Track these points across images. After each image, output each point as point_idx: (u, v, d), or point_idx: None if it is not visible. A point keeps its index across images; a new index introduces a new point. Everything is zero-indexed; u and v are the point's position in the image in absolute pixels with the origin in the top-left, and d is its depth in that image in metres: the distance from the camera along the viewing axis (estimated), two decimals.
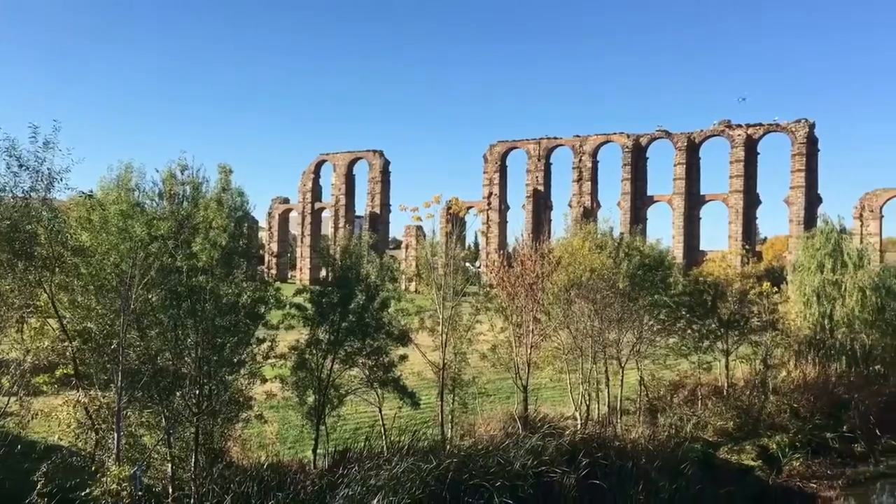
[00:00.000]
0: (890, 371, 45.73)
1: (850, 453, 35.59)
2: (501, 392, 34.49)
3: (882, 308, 44.19)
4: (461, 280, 26.55)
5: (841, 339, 42.98)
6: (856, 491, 30.93)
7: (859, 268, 44.56)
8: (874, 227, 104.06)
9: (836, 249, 45.61)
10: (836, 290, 43.59)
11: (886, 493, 32.53)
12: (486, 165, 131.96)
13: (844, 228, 50.98)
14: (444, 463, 19.49)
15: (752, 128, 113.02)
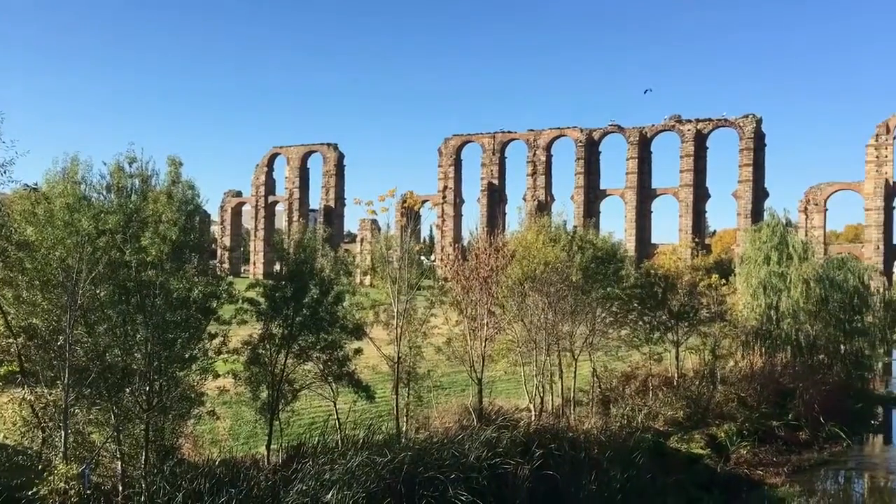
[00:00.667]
0: (833, 360, 47.20)
1: (795, 441, 36.64)
2: (456, 385, 34.63)
3: (825, 299, 45.54)
4: (416, 274, 26.57)
5: (786, 330, 44.14)
6: (800, 477, 31.84)
7: (804, 260, 45.80)
8: (818, 221, 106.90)
9: (781, 242, 46.79)
10: (781, 281, 44.73)
11: (830, 480, 33.55)
12: (441, 159, 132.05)
13: (790, 222, 52.40)
14: (398, 456, 19.51)
15: (702, 123, 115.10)
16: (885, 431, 44.58)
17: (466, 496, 18.83)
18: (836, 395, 41.91)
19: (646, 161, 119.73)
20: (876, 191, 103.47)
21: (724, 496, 28.48)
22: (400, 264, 25.80)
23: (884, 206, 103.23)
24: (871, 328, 49.85)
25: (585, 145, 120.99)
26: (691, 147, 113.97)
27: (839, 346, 48.15)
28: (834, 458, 35.73)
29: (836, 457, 35.89)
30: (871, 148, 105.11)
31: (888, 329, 51.57)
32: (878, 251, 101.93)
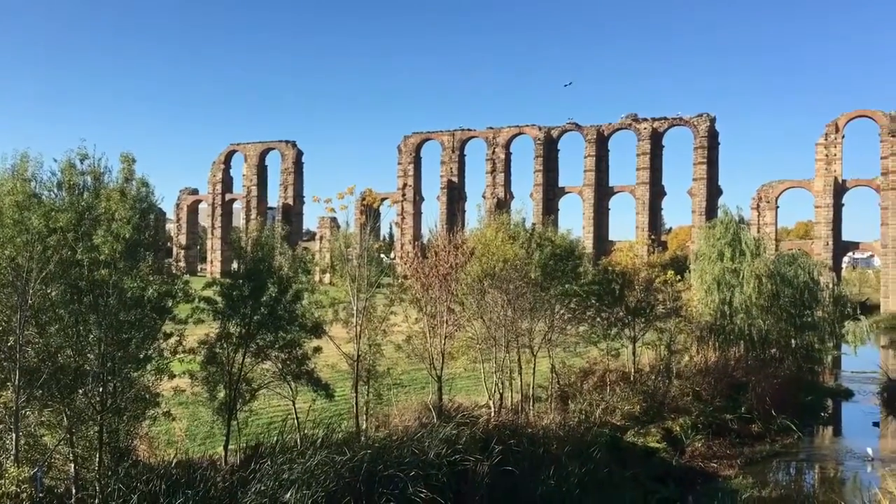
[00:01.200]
0: (784, 354, 48.27)
1: (748, 433, 37.39)
2: (416, 383, 34.66)
3: (777, 294, 46.55)
4: (376, 271, 26.51)
5: (739, 325, 45.01)
6: (753, 469, 32.49)
7: (756, 256, 46.78)
8: (770, 218, 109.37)
9: (734, 239, 47.72)
10: (734, 277, 45.62)
11: (782, 471, 34.32)
12: (401, 157, 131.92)
13: (743, 219, 53.45)
14: (358, 455, 19.45)
15: (658, 121, 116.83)
16: (834, 423, 45.72)
17: (426, 493, 18.88)
18: (787, 388, 42.84)
19: (603, 159, 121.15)
20: (825, 188, 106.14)
21: (679, 489, 28.94)
22: (359, 262, 25.72)
23: (833, 203, 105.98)
24: (821, 323, 51.02)
25: (544, 143, 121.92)
26: (648, 145, 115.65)
27: (790, 341, 49.25)
28: (785, 449, 36.54)
29: (788, 448, 36.70)
30: (820, 147, 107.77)
31: (837, 323, 52.81)
32: (827, 247, 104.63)
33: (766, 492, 28.80)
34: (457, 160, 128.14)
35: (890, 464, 32.72)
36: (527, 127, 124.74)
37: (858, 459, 34.92)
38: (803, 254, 65.02)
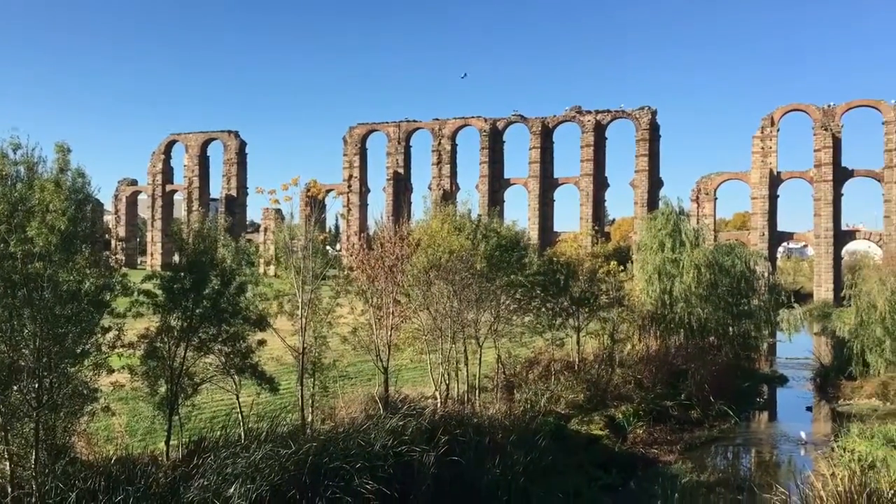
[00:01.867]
0: (722, 342, 49.57)
1: (688, 419, 38.34)
2: (363, 374, 34.58)
3: (715, 284, 47.72)
4: (321, 263, 26.31)
5: (679, 314, 46.03)
6: (692, 454, 33.34)
7: (695, 246, 47.86)
8: (709, 209, 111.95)
9: (675, 230, 48.73)
10: (675, 267, 46.61)
11: (720, 455, 35.30)
12: (346, 148, 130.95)
13: (683, 210, 54.56)
14: (303, 447, 19.34)
15: (601, 114, 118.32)
16: (770, 408, 47.17)
17: (372, 485, 18.87)
18: (725, 374, 44.05)
19: (548, 151, 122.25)
20: (761, 180, 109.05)
21: (621, 474, 29.51)
22: (304, 254, 25.48)
23: (768, 194, 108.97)
24: (757, 311, 52.49)
25: (490, 135, 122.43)
26: (591, 138, 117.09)
27: (728, 329, 50.56)
28: (723, 434, 37.59)
29: (726, 433, 37.77)
30: (757, 140, 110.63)
31: (772, 311, 54.44)
32: (763, 238, 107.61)
33: (705, 476, 29.58)
34: (403, 151, 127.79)
35: (822, 447, 33.92)
36: (472, 119, 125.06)
37: (792, 443, 36.16)
38: (740, 244, 66.78)
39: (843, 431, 34.50)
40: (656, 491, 26.96)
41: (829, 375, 49.12)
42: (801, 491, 20.77)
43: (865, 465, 26.06)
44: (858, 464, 26.34)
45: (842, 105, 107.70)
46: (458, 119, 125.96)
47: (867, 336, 44.25)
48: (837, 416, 41.19)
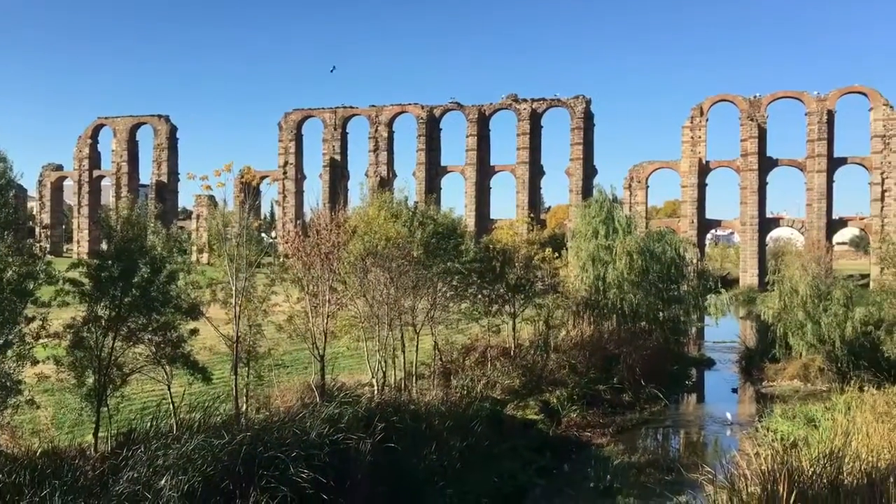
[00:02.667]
0: (653, 326, 50.76)
1: (620, 403, 39.24)
2: (298, 363, 34.28)
3: (646, 270, 48.79)
4: (256, 251, 25.92)
5: (612, 300, 46.94)
6: (624, 436, 34.15)
7: (628, 234, 48.84)
8: (641, 197, 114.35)
9: (608, 217, 49.64)
10: (608, 254, 47.49)
11: (650, 437, 36.25)
12: (282, 134, 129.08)
13: (616, 198, 55.62)
14: (237, 437, 19.07)
15: (537, 102, 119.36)
16: (698, 391, 48.64)
17: (308, 473, 18.75)
18: (655, 358, 45.14)
19: (485, 138, 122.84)
20: (691, 169, 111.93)
21: (555, 458, 30.06)
22: (238, 241, 25.05)
23: (697, 183, 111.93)
24: (686, 296, 53.90)
25: (427, 122, 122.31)
26: (527, 125, 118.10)
27: (658, 314, 51.76)
28: (653, 417, 38.60)
29: (656, 416, 38.79)
30: (686, 129, 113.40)
31: (700, 297, 55.98)
32: (692, 225, 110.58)
33: (636, 457, 30.35)
34: (339, 138, 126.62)
35: (747, 427, 35.18)
36: (409, 106, 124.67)
37: (719, 424, 37.37)
38: (671, 231, 68.39)
39: (766, 412, 35.88)
40: (589, 473, 27.55)
41: (754, 358, 50.86)
42: (727, 470, 21.47)
43: (787, 444, 27.16)
44: (781, 443, 27.46)
45: (767, 96, 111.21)
46: (396, 106, 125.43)
47: (790, 320, 45.93)
48: (761, 398, 42.76)
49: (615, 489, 26.30)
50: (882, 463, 19.74)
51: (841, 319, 42.94)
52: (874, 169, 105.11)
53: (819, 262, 55.18)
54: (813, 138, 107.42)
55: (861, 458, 20.36)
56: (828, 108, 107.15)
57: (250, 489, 17.81)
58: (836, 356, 43.09)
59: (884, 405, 27.94)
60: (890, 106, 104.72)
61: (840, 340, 42.71)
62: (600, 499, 25.74)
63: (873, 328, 42.42)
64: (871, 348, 41.99)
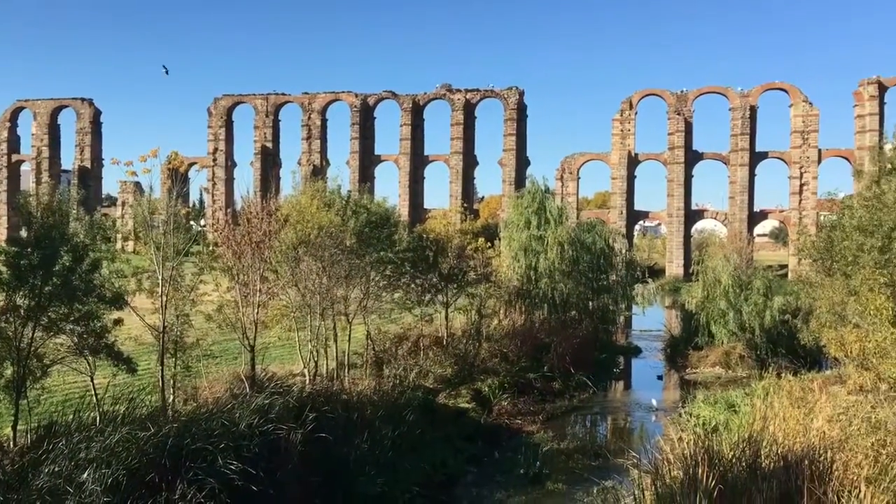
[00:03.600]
0: (583, 315, 51.75)
1: (550, 390, 39.94)
2: (228, 353, 33.74)
3: (577, 260, 49.71)
4: (184, 239, 25.35)
5: (544, 289, 47.63)
6: (553, 423, 34.80)
7: (559, 224, 49.58)
8: (572, 188, 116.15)
9: (540, 208, 50.28)
10: (540, 244, 48.15)
11: (579, 424, 37.01)
12: (211, 120, 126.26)
13: (548, 189, 56.36)
14: (163, 429, 18.70)
15: (471, 93, 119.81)
16: (625, 378, 49.84)
17: (236, 464, 18.52)
18: (585, 347, 46.09)
19: (419, 128, 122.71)
20: (620, 161, 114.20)
21: (487, 445, 30.43)
22: (165, 229, 24.45)
23: (627, 175, 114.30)
24: (615, 286, 55.12)
25: (360, 111, 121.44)
26: (461, 116, 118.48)
27: (588, 303, 52.81)
28: (582, 404, 39.43)
29: (584, 403, 39.64)
30: (616, 122, 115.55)
31: (629, 286, 57.33)
32: (621, 216, 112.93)
33: (565, 444, 30.96)
34: (271, 125, 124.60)
35: (671, 413, 36.24)
36: (343, 94, 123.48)
37: (645, 410, 38.41)
38: (601, 222, 69.70)
39: (689, 398, 37.02)
40: (519, 460, 27.95)
41: (679, 346, 52.37)
42: (651, 455, 22.11)
43: (709, 429, 28.13)
44: (703, 428, 28.43)
45: (693, 91, 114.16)
46: (329, 93, 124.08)
47: (712, 308, 47.52)
48: (685, 384, 44.12)
49: (544, 475, 26.79)
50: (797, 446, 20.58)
51: (760, 308, 44.66)
52: (793, 163, 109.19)
53: (741, 253, 57.05)
54: (736, 133, 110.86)
55: (778, 441, 21.20)
56: (751, 104, 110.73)
57: (177, 482, 17.50)
58: (756, 344, 44.82)
59: (799, 391, 29.10)
60: (809, 103, 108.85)
61: (759, 328, 44.45)
62: (530, 485, 26.18)
63: (791, 317, 44.17)
64: (788, 336, 43.77)
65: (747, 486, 17.49)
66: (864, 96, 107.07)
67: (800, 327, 39.66)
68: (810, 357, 41.76)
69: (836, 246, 29.50)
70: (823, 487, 16.92)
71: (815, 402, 26.06)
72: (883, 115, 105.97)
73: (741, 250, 59.82)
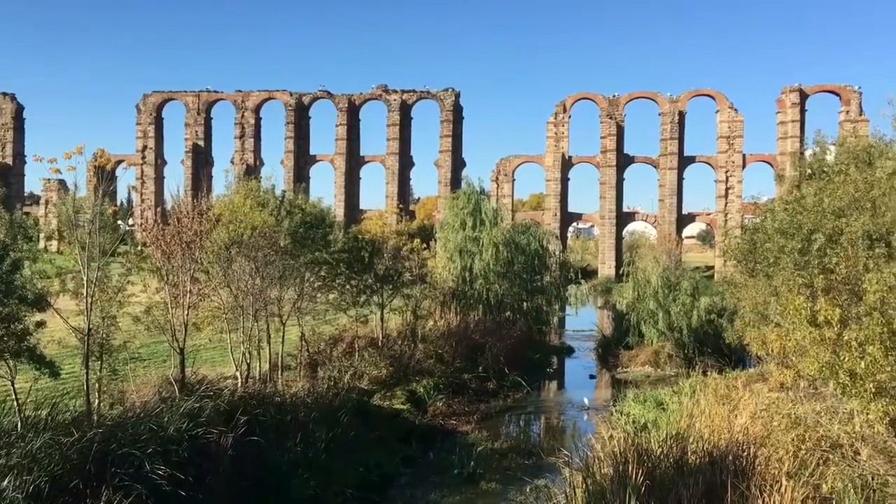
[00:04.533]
0: (517, 316, 52.31)
1: (485, 391, 40.23)
2: (157, 356, 32.93)
3: (511, 261, 50.21)
4: (110, 239, 24.62)
5: (479, 290, 47.98)
6: (488, 423, 35.05)
7: (494, 225, 50.02)
8: (507, 190, 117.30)
9: (476, 209, 50.63)
10: (475, 245, 48.48)
11: (512, 423, 37.39)
12: (140, 116, 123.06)
13: (483, 190, 56.80)
14: (88, 435, 18.13)
15: (407, 93, 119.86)
16: (558, 378, 50.58)
17: (165, 470, 18.10)
18: (519, 347, 46.60)
19: (355, 128, 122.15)
20: (554, 164, 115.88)
21: (421, 446, 30.49)
22: (91, 228, 23.69)
23: (561, 177, 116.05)
24: (549, 287, 55.82)
25: (295, 110, 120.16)
26: (397, 116, 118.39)
27: (523, 304, 53.37)
28: (516, 403, 39.85)
29: (518, 403, 40.06)
30: (550, 125, 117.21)
31: (562, 287, 58.15)
32: (555, 217, 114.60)
33: (499, 444, 31.20)
34: (203, 123, 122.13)
35: (602, 411, 36.93)
36: (277, 92, 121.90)
37: (577, 409, 39.05)
38: (535, 224, 70.48)
39: (620, 397, 37.81)
40: (454, 460, 28.06)
41: (610, 346, 53.42)
42: (583, 453, 22.52)
43: (639, 426, 28.78)
44: (633, 426, 29.06)
45: (625, 96, 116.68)
46: (263, 92, 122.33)
47: (642, 309, 48.64)
48: (616, 383, 45.03)
49: (479, 475, 26.96)
50: (722, 442, 21.26)
51: (688, 309, 45.93)
52: (719, 168, 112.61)
53: (670, 255, 58.55)
54: (666, 137, 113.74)
55: (704, 438, 21.85)
56: (679, 110, 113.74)
57: (102, 488, 17.01)
58: (684, 343, 46.07)
59: (724, 388, 30.04)
60: (734, 109, 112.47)
61: (687, 328, 45.71)
62: (464, 485, 26.31)
63: (716, 316, 45.56)
64: (714, 335, 45.11)
65: (675, 482, 17.97)
66: (786, 104, 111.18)
67: (725, 327, 40.88)
68: (735, 355, 43.10)
69: (758, 248, 30.52)
70: (746, 482, 17.50)
71: (739, 399, 26.96)
72: (804, 122, 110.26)
73: (670, 252, 61.39)
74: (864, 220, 22.89)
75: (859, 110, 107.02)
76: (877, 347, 13.73)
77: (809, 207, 26.03)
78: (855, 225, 22.32)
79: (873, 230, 22.78)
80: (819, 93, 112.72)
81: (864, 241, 21.76)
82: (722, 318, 44.19)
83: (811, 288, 18.66)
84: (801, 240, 24.40)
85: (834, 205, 25.07)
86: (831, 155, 36.06)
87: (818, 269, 20.21)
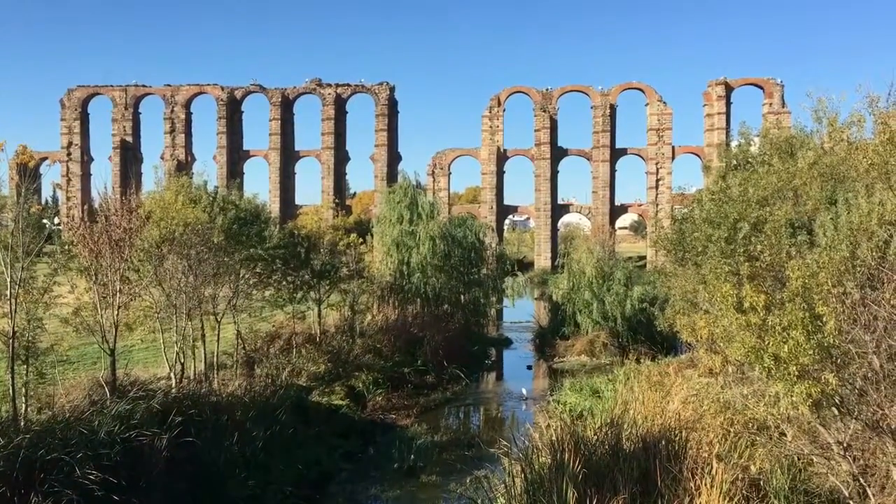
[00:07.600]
0: (455, 309, 52.55)
1: (424, 384, 40.35)
2: (87, 358, 31.99)
3: (449, 254, 50.39)
4: (35, 238, 23.80)
5: (416, 284, 48.01)
6: (428, 416, 35.20)
7: (431, 219, 50.07)
8: (444, 183, 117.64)
9: (412, 203, 50.59)
10: (412, 239, 48.47)
11: (452, 416, 37.61)
12: (64, 112, 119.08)
13: (420, 184, 56.82)
14: (14, 440, 17.54)
15: (341, 87, 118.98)
16: (497, 369, 51.02)
17: (96, 474, 17.64)
18: (457, 340, 46.85)
19: (289, 123, 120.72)
20: (490, 157, 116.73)
21: (360, 441, 30.43)
22: (14, 228, 22.86)
23: (496, 170, 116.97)
24: (486, 279, 56.19)
25: (227, 104, 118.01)
26: (332, 111, 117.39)
27: (460, 296, 53.61)
28: (456, 396, 40.09)
29: (457, 395, 40.30)
30: (485, 119, 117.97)
31: (499, 279, 58.64)
32: (491, 210, 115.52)
33: (439, 436, 31.38)
34: (131, 118, 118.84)
35: (540, 401, 37.48)
36: (208, 86, 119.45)
37: (516, 400, 39.53)
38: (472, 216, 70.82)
39: (557, 386, 38.42)
40: (394, 454, 28.11)
41: (547, 336, 54.15)
42: (521, 443, 22.80)
43: (575, 415, 29.32)
44: (569, 414, 29.60)
45: (558, 89, 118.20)
46: (193, 86, 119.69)
47: (578, 299, 49.45)
48: (554, 373, 45.72)
49: (419, 468, 27.08)
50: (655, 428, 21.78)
51: (622, 298, 46.92)
52: (650, 160, 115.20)
53: (603, 246, 59.55)
54: (598, 130, 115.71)
55: (637, 424, 22.34)
56: (610, 103, 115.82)
57: (30, 495, 16.50)
58: (618, 332, 47.07)
59: (657, 375, 30.82)
60: (663, 102, 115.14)
61: (621, 317, 46.70)
62: (404, 479, 26.39)
63: (649, 305, 46.65)
64: (647, 324, 46.20)
65: (610, 468, 18.35)
66: (712, 96, 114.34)
67: (657, 315, 41.85)
68: (667, 343, 44.24)
69: (687, 237, 31.34)
70: (679, 465, 17.99)
71: (671, 385, 27.69)
72: (729, 115, 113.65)
73: (604, 243, 62.45)
74: (786, 208, 23.79)
75: (781, 102, 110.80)
76: (799, 332, 14.27)
77: (735, 197, 26.88)
78: (778, 214, 23.14)
79: (795, 218, 23.70)
80: (744, 86, 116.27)
81: (787, 230, 22.58)
82: (654, 306, 45.24)
83: (737, 275, 19.25)
84: (727, 229, 25.15)
85: (758, 194, 25.96)
86: (755, 146, 37.30)
87: (744, 256, 20.83)
